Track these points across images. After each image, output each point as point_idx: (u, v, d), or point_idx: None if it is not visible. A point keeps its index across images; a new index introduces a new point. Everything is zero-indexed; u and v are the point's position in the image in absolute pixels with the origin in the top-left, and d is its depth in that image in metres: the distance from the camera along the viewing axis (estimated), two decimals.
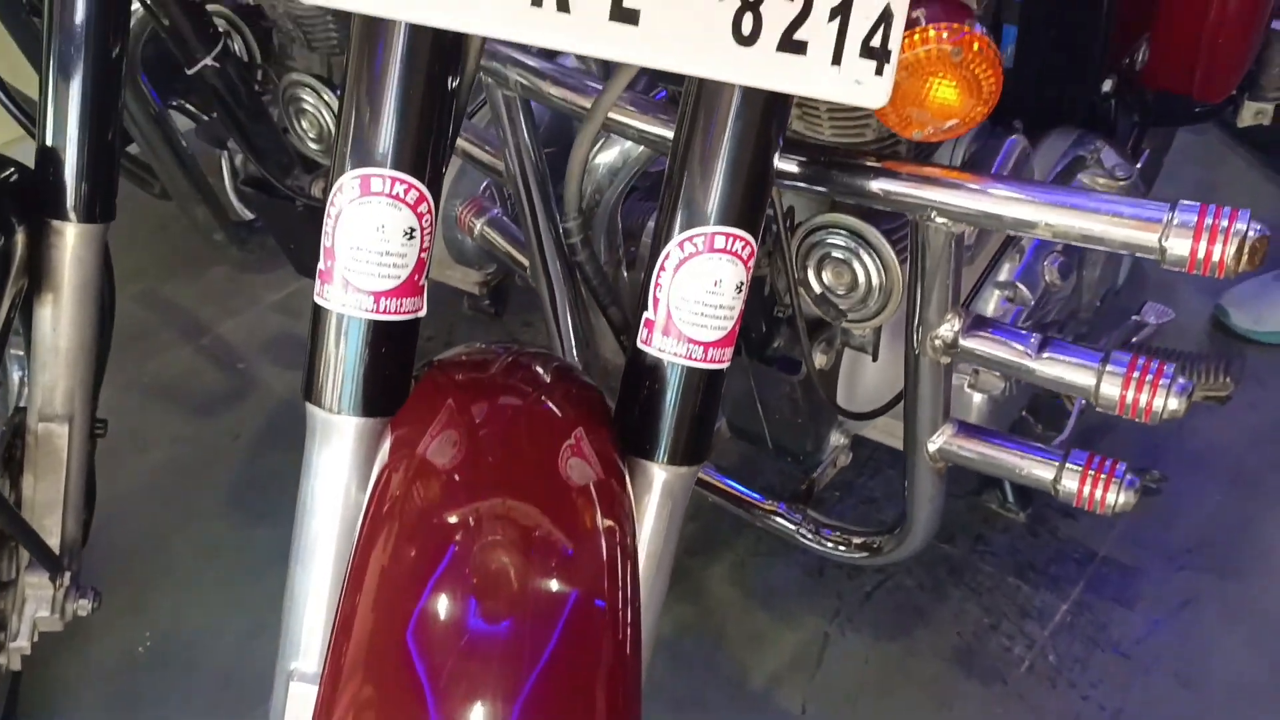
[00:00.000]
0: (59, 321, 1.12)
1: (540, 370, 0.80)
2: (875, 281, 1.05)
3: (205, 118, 1.62)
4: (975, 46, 0.77)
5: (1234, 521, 1.76)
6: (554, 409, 0.77)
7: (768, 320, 1.16)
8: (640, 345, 0.77)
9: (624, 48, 0.69)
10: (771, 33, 0.69)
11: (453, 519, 0.69)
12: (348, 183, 0.73)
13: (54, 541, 1.18)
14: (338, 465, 0.76)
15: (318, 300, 0.75)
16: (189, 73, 1.28)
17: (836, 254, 1.06)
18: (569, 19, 0.68)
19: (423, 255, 0.75)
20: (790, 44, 0.69)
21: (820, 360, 1.15)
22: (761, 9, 0.69)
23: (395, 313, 0.75)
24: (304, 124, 1.36)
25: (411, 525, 0.69)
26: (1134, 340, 1.37)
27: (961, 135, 0.84)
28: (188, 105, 1.65)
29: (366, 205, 0.73)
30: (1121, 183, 1.27)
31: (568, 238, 0.95)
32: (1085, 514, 1.12)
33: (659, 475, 0.79)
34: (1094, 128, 1.38)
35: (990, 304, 1.22)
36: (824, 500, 1.60)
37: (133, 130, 1.50)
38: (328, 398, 0.76)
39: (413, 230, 0.74)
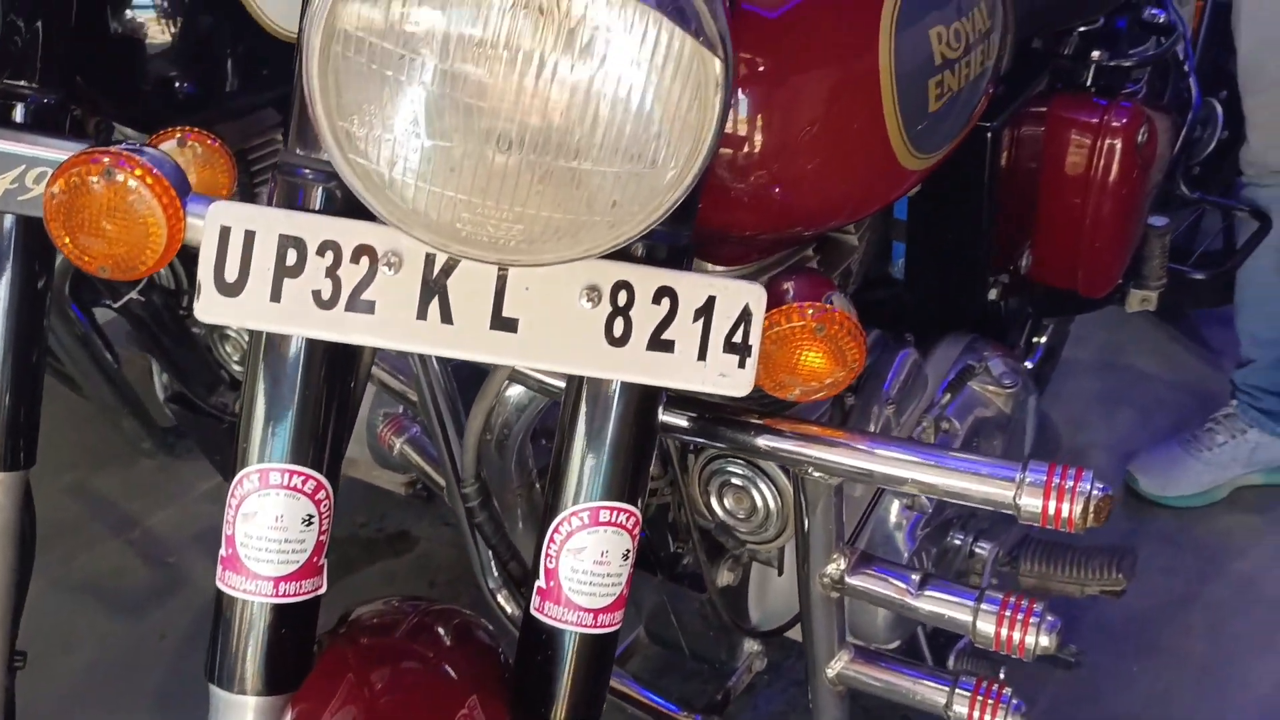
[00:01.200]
0: None
1: (442, 631, 0.84)
2: (773, 507, 1.10)
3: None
4: (837, 321, 0.83)
5: (1154, 693, 1.79)
6: (451, 675, 0.81)
7: (675, 540, 1.21)
8: (533, 612, 0.81)
9: (505, 354, 0.74)
10: (641, 334, 0.75)
11: None
12: (247, 477, 0.77)
13: None
14: None
15: (220, 586, 0.78)
16: (114, 307, 1.33)
17: (735, 480, 1.11)
18: (453, 329, 0.73)
19: (321, 538, 0.79)
20: (659, 343, 0.75)
21: (727, 578, 1.19)
22: (631, 313, 0.75)
23: (295, 595, 0.78)
24: (227, 347, 1.41)
25: None
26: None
27: (833, 396, 0.90)
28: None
29: (266, 497, 0.76)
30: (1009, 390, 1.35)
31: (466, 501, 0.99)
32: None
33: None
34: (985, 332, 1.46)
35: (891, 511, 1.27)
36: (741, 708, 1.61)
37: (58, 350, 1.53)
38: (230, 679, 0.78)
39: (311, 517, 0.78)
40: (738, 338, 0.76)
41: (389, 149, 0.62)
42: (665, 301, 0.75)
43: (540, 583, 0.81)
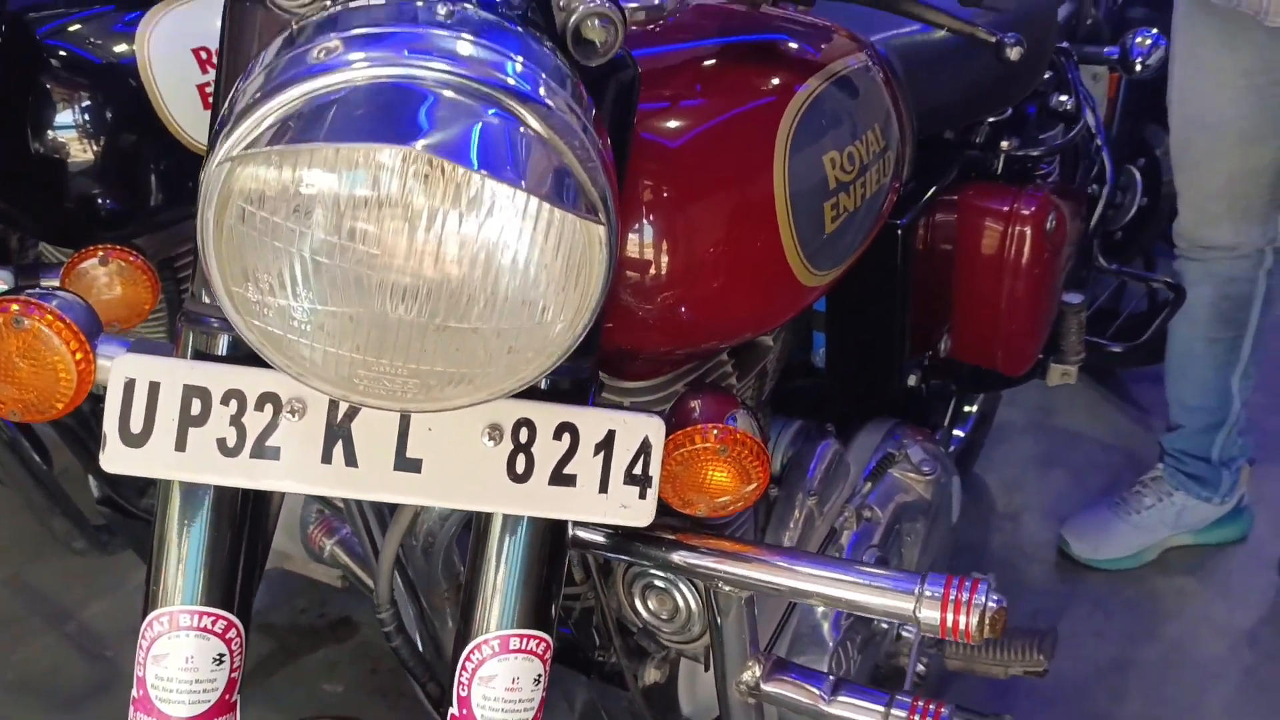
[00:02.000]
0: None
1: None
2: (694, 609, 1.12)
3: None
4: (740, 441, 0.86)
5: None
6: None
7: (601, 639, 1.22)
8: None
9: (410, 494, 0.76)
10: (543, 470, 0.77)
11: None
12: (158, 619, 0.77)
13: None
14: None
15: None
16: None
17: (657, 584, 1.13)
18: (357, 472, 0.75)
19: (233, 675, 0.80)
20: (560, 478, 0.77)
21: (654, 675, 1.21)
22: (533, 450, 0.77)
23: None
24: None
25: None
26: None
27: (741, 511, 0.92)
28: None
29: (176, 639, 0.77)
30: (927, 477, 1.38)
31: (382, 626, 1.00)
32: None
33: None
34: (906, 416, 1.50)
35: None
36: None
37: None
38: None
39: (222, 656, 0.78)
40: (638, 469, 0.78)
41: (283, 312, 0.64)
42: (566, 437, 0.77)
43: (454, 709, 0.82)
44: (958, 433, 2.18)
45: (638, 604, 1.15)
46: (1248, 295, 1.99)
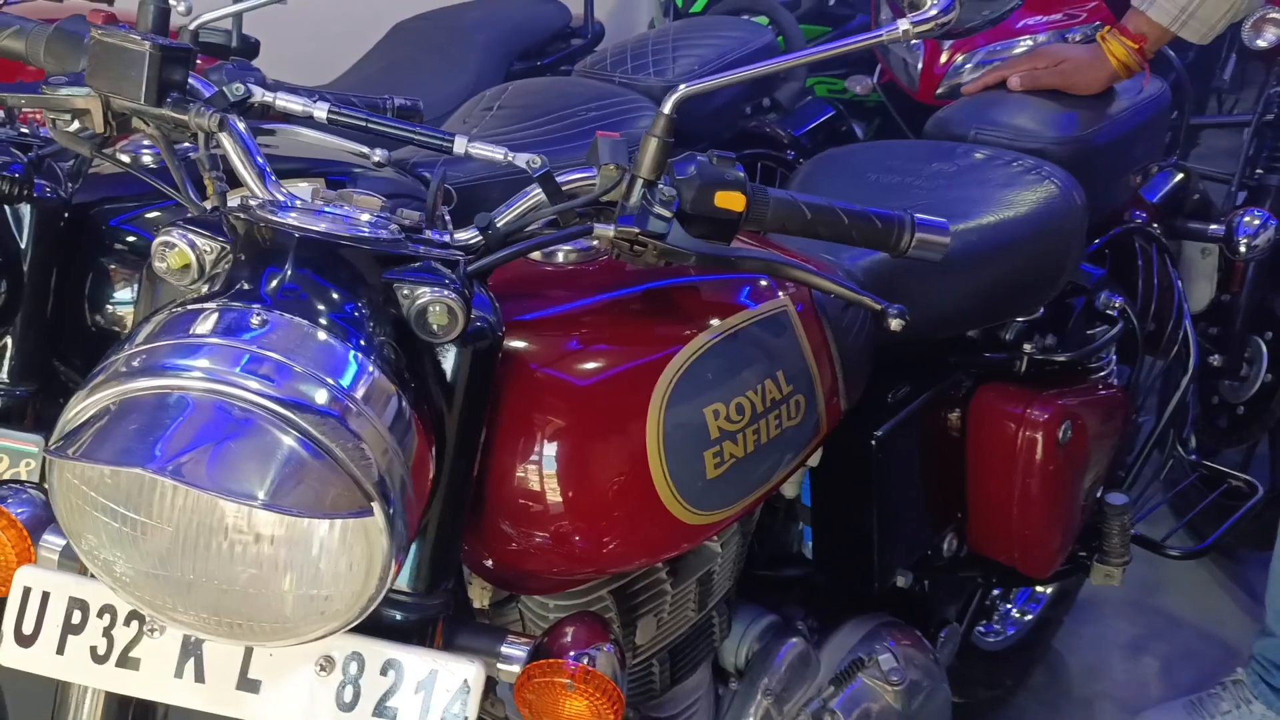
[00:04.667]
0: None
1: None
2: None
3: None
4: (592, 681, 0.91)
5: None
6: None
7: None
8: None
9: (248, 710, 0.86)
10: (368, 702, 0.85)
11: None
12: None
13: None
14: None
15: None
16: None
17: None
18: (204, 687, 0.85)
19: None
20: (383, 710, 0.85)
21: None
22: (360, 682, 0.85)
23: None
24: None
25: None
26: None
27: None
28: None
29: None
30: (895, 687, 1.37)
31: None
32: None
33: None
34: (902, 614, 1.49)
35: None
36: None
37: None
38: None
39: None
40: (455, 708, 0.85)
41: (106, 560, 0.76)
42: (391, 673, 0.85)
43: None
44: (1019, 612, 2.13)
45: None
46: None
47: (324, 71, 2.46)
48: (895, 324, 0.98)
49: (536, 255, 1.06)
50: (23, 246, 1.25)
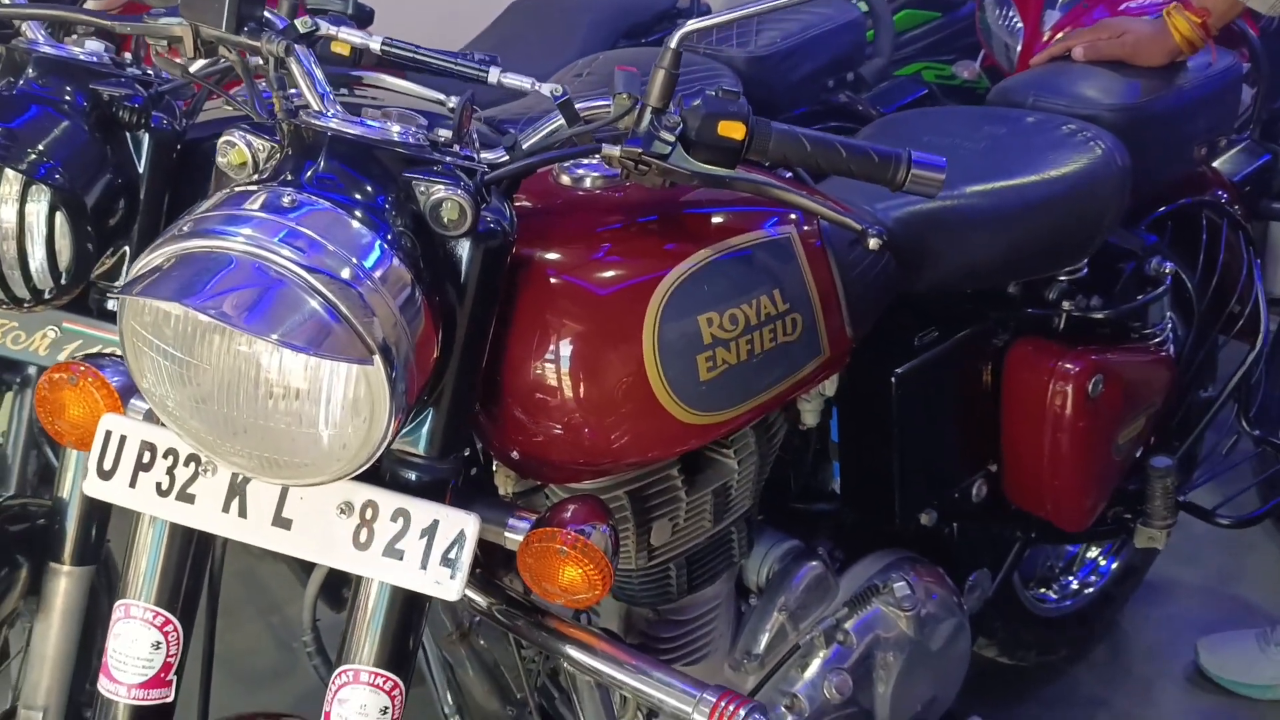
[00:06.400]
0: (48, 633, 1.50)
1: None
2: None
3: None
4: (582, 550, 1.03)
5: None
6: None
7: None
8: None
9: (282, 542, 1.00)
10: (379, 543, 0.99)
11: None
12: (119, 607, 1.06)
13: None
14: None
15: (98, 685, 1.08)
16: None
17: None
18: (246, 521, 1.01)
19: (169, 659, 1.07)
20: (393, 551, 0.99)
21: None
22: (374, 526, 0.99)
23: (145, 700, 1.06)
24: None
25: None
26: None
27: (594, 604, 1.08)
28: None
29: (127, 624, 1.06)
30: (907, 613, 1.45)
31: (305, 647, 1.24)
32: None
33: None
34: (924, 553, 1.56)
35: (771, 709, 1.40)
36: None
37: None
38: None
39: (159, 643, 1.06)
40: (452, 554, 0.98)
41: (161, 396, 0.92)
42: (401, 520, 0.99)
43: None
44: (1079, 585, 2.15)
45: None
46: None
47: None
48: (873, 243, 1.06)
49: (566, 180, 1.19)
50: (140, 171, 1.43)
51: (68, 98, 1.36)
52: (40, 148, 1.31)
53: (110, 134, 1.40)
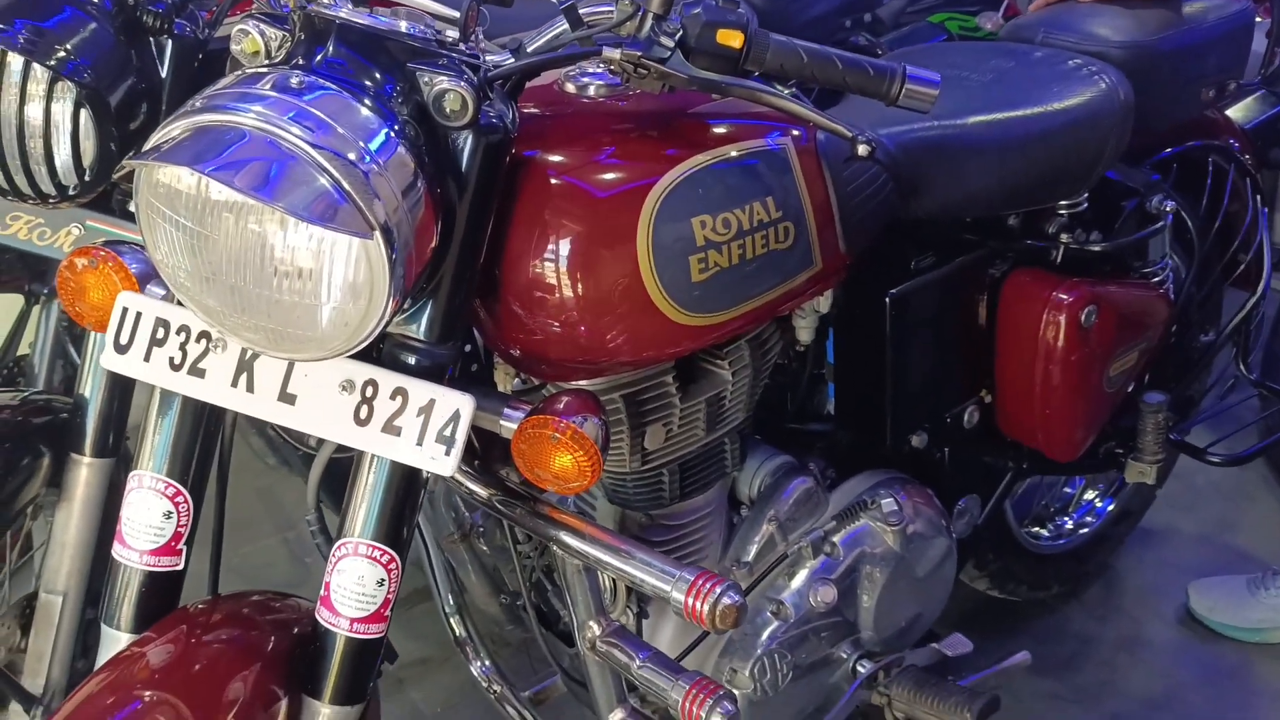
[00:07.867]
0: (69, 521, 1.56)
1: (259, 618, 1.14)
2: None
3: None
4: (573, 437, 1.08)
5: None
6: (249, 646, 1.10)
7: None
8: (316, 615, 1.10)
9: (287, 417, 1.06)
10: (379, 420, 1.04)
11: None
12: (132, 477, 1.12)
13: (39, 682, 1.60)
14: None
15: (113, 552, 1.14)
16: None
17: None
18: (253, 396, 1.06)
19: (179, 529, 1.12)
20: (391, 428, 1.04)
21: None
22: (374, 403, 1.04)
23: (156, 566, 1.12)
24: None
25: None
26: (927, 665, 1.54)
27: (582, 491, 1.13)
28: None
29: (139, 493, 1.11)
30: (893, 528, 1.49)
31: (310, 525, 1.30)
32: None
33: (322, 711, 1.10)
34: (916, 475, 1.61)
35: (757, 616, 1.46)
36: None
37: None
38: (112, 618, 1.13)
39: (169, 513, 1.12)
40: (448, 432, 1.03)
41: (174, 267, 0.97)
42: (399, 399, 1.04)
43: (322, 591, 1.10)
44: (1074, 525, 2.19)
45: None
46: None
47: None
48: (862, 149, 1.10)
49: (570, 88, 1.23)
50: (163, 76, 1.48)
51: (95, 0, 1.41)
52: (69, 46, 1.36)
53: (135, 38, 1.44)
